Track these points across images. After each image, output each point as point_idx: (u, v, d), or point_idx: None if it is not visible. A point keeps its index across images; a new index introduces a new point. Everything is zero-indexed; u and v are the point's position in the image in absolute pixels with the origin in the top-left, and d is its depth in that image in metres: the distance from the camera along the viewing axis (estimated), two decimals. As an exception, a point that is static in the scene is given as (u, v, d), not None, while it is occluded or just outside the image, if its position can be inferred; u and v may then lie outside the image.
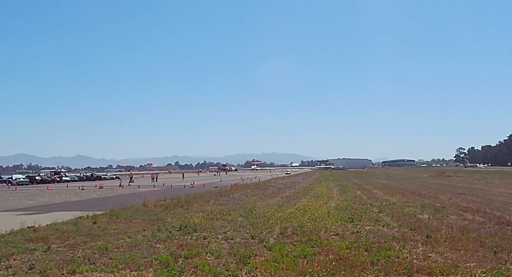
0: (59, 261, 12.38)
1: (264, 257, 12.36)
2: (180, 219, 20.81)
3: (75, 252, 13.69)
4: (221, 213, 22.99)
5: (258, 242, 14.70)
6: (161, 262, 11.80)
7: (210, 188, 52.76)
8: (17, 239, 16.19)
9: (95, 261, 12.36)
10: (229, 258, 12.26)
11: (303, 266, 10.95)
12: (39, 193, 55.30)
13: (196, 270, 10.93)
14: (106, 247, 14.12)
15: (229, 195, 37.87)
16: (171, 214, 23.38)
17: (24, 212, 29.30)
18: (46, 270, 11.06)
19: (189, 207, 26.89)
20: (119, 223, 20.33)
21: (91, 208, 28.75)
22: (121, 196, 45.81)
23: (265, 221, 19.48)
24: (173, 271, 10.34)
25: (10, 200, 44.22)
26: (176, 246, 14.08)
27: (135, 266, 11.48)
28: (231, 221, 19.98)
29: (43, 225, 20.23)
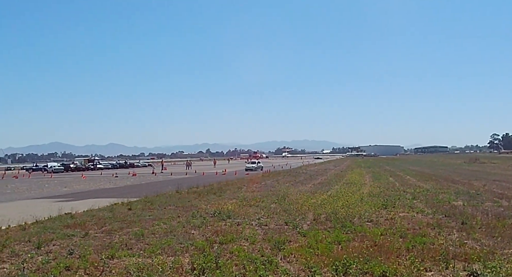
0: (97, 246, 12.62)
1: (298, 243, 12.41)
2: (214, 205, 20.97)
3: (112, 238, 13.94)
4: (254, 199, 23.08)
5: (292, 228, 14.74)
6: (197, 247, 11.93)
7: (242, 175, 52.97)
8: (56, 225, 16.55)
9: (132, 246, 12.57)
10: (264, 244, 12.34)
11: (338, 252, 10.96)
12: (74, 181, 56.22)
13: (232, 255, 11.03)
14: (142, 233, 14.33)
15: (261, 182, 37.96)
16: (204, 200, 23.58)
17: (60, 199, 29.88)
18: (85, 255, 11.28)
19: (222, 194, 27.07)
20: (154, 209, 20.58)
21: (125, 195, 29.14)
22: (154, 183, 46.30)
23: (298, 207, 19.51)
24: (209, 257, 10.43)
25: (47, 187, 45.08)
26: (211, 232, 14.22)
27: (171, 252, 11.64)
28: (264, 207, 20.06)
29: (80, 211, 20.64)
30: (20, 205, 27.30)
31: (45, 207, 23.94)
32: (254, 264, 9.99)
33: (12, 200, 31.39)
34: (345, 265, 9.64)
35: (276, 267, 9.85)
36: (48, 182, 54.67)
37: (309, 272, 9.42)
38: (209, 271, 9.55)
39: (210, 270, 9.59)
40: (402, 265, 9.73)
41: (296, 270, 9.68)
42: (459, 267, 9.81)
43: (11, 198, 33.17)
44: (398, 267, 9.51)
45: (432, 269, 9.69)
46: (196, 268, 9.76)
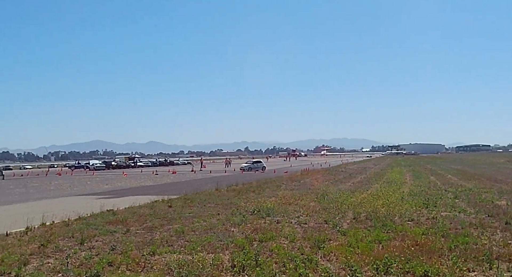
0: (139, 242, 12.79)
1: (338, 241, 12.35)
2: (253, 203, 21.00)
3: (153, 235, 14.11)
4: (293, 198, 23.03)
5: (331, 226, 14.64)
6: (237, 245, 11.98)
7: (281, 173, 52.92)
8: (98, 222, 16.83)
9: (172, 243, 12.70)
10: (304, 242, 12.31)
11: (379, 251, 10.86)
12: (115, 178, 57.14)
13: (272, 253, 11.04)
14: (182, 230, 14.47)
15: (300, 180, 37.85)
16: (243, 198, 23.64)
17: (102, 196, 30.39)
18: (127, 251, 11.45)
19: (261, 192, 27.10)
20: (194, 207, 20.74)
21: (165, 192, 29.46)
22: (193, 180, 46.68)
23: (338, 206, 19.38)
24: (249, 254, 10.47)
25: (89, 184, 45.94)
26: (251, 230, 14.25)
27: (211, 249, 11.71)
28: (303, 205, 20.00)
29: (121, 208, 20.94)
30: (64, 202, 27.90)
31: (87, 204, 24.40)
32: (294, 262, 9.99)
33: (56, 196, 32.10)
34: (386, 264, 9.56)
35: (316, 265, 9.83)
36: (90, 179, 55.68)
37: (350, 271, 9.36)
38: (249, 268, 9.59)
39: (250, 267, 9.63)
40: (444, 265, 9.60)
41: (336, 269, 9.63)
42: (503, 267, 9.62)
43: (54, 194, 33.92)
44: (440, 267, 9.37)
45: (475, 270, 9.52)
46: (236, 265, 9.82)
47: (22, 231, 15.39)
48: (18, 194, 36.08)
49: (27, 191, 38.81)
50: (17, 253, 11.81)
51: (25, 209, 23.91)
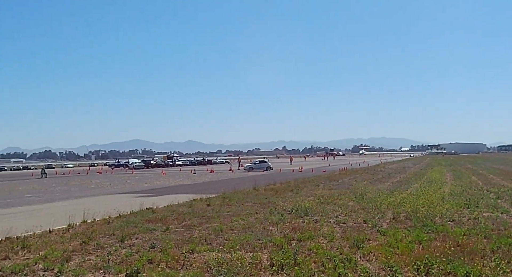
0: (178, 240, 12.90)
1: (377, 241, 12.22)
2: (291, 202, 20.95)
3: (192, 233, 14.21)
4: (331, 197, 22.88)
5: (371, 226, 14.51)
6: (275, 244, 11.96)
7: (319, 173, 52.71)
8: (138, 220, 17.04)
9: (211, 241, 12.77)
10: (342, 242, 12.22)
11: (419, 252, 10.70)
12: (154, 176, 57.79)
13: (310, 252, 10.98)
14: (221, 228, 14.52)
15: (338, 180, 37.64)
16: (281, 197, 23.61)
17: (142, 194, 30.78)
18: (167, 249, 11.54)
19: (299, 191, 27.02)
20: (232, 205, 20.82)
21: (204, 191, 29.64)
22: (231, 179, 46.83)
23: (377, 205, 19.18)
24: (287, 253, 10.45)
25: (128, 183, 46.59)
26: (289, 229, 14.21)
27: (250, 247, 11.72)
28: (342, 205, 19.86)
29: (160, 206, 21.15)
30: (104, 200, 28.35)
31: (127, 202, 24.73)
32: (333, 261, 9.92)
33: (97, 194, 32.65)
34: (427, 265, 9.41)
35: (355, 265, 9.74)
36: (130, 178, 56.48)
37: (390, 271, 9.25)
38: (288, 267, 9.57)
39: (288, 266, 9.61)
40: (487, 266, 9.40)
41: (376, 269, 9.53)
42: (549, 270, 9.37)
43: (95, 193, 34.52)
44: (483, 269, 9.17)
45: (519, 272, 9.30)
46: (275, 264, 9.81)
47: (64, 228, 15.70)
48: (60, 192, 36.81)
49: (69, 189, 39.59)
50: (60, 249, 12.04)
51: (66, 206, 24.43)
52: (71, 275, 9.64)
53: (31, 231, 15.08)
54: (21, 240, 13.51)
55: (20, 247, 12.59)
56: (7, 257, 11.60)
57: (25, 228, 15.47)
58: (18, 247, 12.55)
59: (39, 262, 10.75)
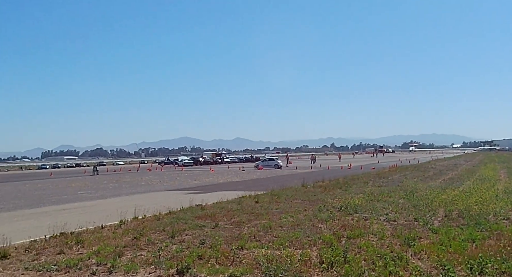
0: (227, 237, 12.97)
1: (429, 239, 11.98)
2: (340, 200, 20.78)
3: (241, 229, 14.27)
4: (381, 194, 22.60)
5: (422, 224, 14.24)
6: (324, 241, 11.89)
7: (368, 170, 52.10)
8: (187, 216, 17.22)
9: (260, 238, 12.78)
10: (393, 240, 12.05)
11: (472, 251, 10.45)
12: (203, 174, 58.24)
13: (360, 250, 10.86)
14: (270, 225, 14.53)
15: (387, 177, 37.18)
16: (330, 194, 23.46)
17: (191, 191, 31.08)
18: (216, 245, 11.62)
19: (348, 188, 26.79)
20: (280, 203, 20.80)
21: (252, 188, 29.75)
22: (280, 176, 46.82)
23: (428, 203, 18.83)
24: (337, 251, 10.35)
25: (178, 179, 47.13)
26: (338, 226, 14.11)
27: (299, 244, 11.69)
28: (392, 202, 19.59)
29: (209, 203, 21.32)
30: (154, 196, 28.77)
31: (177, 199, 24.99)
32: (384, 259, 9.78)
33: (147, 191, 33.16)
34: (481, 264, 9.17)
35: (406, 263, 9.58)
36: (179, 175, 57.13)
37: (442, 270, 9.05)
38: (338, 265, 9.48)
39: (338, 264, 9.52)
40: (544, 266, 9.11)
41: (427, 267, 9.35)
42: None
43: (145, 189, 35.06)
44: (540, 268, 8.91)
45: None
46: (324, 261, 9.73)
47: (116, 224, 16.02)
48: (111, 188, 37.54)
49: (120, 186, 40.32)
50: (112, 245, 12.29)
51: (118, 203, 24.88)
52: (123, 270, 9.81)
53: (85, 226, 15.45)
54: (75, 235, 13.87)
55: (74, 242, 12.89)
56: (61, 251, 11.91)
57: (79, 224, 15.87)
58: (72, 242, 12.86)
59: (92, 257, 11.00)
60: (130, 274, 9.57)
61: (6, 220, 19.89)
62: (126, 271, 9.71)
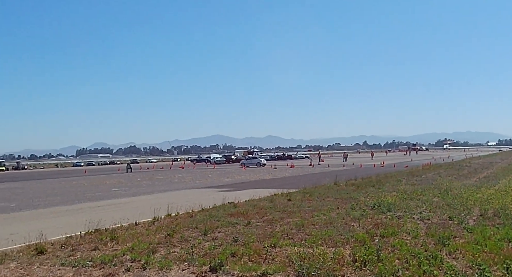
0: (260, 235, 12.99)
1: (464, 239, 11.81)
2: (373, 198, 20.63)
3: (274, 227, 14.27)
4: (414, 192, 22.38)
5: (456, 223, 14.03)
6: (357, 239, 11.81)
7: (401, 168, 51.72)
8: (220, 214, 17.31)
9: (293, 236, 12.76)
10: (427, 239, 11.90)
11: (508, 250, 10.25)
12: (235, 171, 58.50)
13: (394, 249, 10.76)
14: (302, 223, 14.49)
15: (421, 175, 36.75)
16: (363, 193, 23.31)
17: (223, 189, 31.24)
18: (249, 242, 11.64)
19: (381, 186, 26.57)
20: (313, 200, 20.74)
21: (284, 186, 29.73)
22: (311, 174, 46.75)
23: (463, 202, 18.55)
24: (370, 249, 10.28)
25: (210, 177, 47.41)
26: (371, 225, 14.01)
27: (332, 243, 11.64)
28: (426, 201, 19.36)
29: (242, 201, 21.39)
30: (187, 194, 29.00)
31: (209, 196, 25.17)
32: (418, 258, 9.68)
33: (180, 189, 33.45)
34: (518, 264, 9.03)
35: (441, 262, 9.46)
36: (211, 173, 57.43)
37: (477, 270, 8.90)
38: (371, 263, 9.41)
39: (371, 262, 9.45)
40: None
41: (462, 267, 9.22)
42: None
43: (178, 187, 35.37)
44: None
45: None
46: (357, 260, 9.67)
47: (149, 221, 16.19)
48: (145, 186, 37.97)
49: (153, 183, 40.75)
50: (146, 241, 12.43)
51: (151, 200, 25.17)
52: (157, 266, 9.90)
53: (119, 223, 15.63)
54: (110, 232, 14.05)
55: (108, 238, 13.09)
56: (96, 248, 12.10)
57: (113, 220, 16.06)
58: (107, 239, 13.05)
59: (127, 253, 11.14)
60: (164, 271, 9.65)
61: (43, 217, 20.30)
62: (160, 268, 9.80)
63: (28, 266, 10.43)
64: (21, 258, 11.21)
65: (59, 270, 10.03)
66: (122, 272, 9.72)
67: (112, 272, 9.64)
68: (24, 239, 13.31)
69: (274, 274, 9.12)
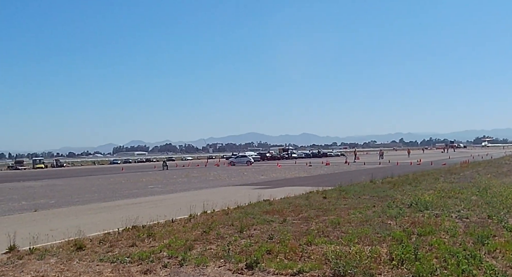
0: (295, 232, 12.96)
1: (504, 238, 11.56)
2: (410, 196, 20.40)
3: (309, 225, 14.22)
4: (452, 191, 22.02)
5: (496, 222, 13.76)
6: (394, 238, 11.68)
7: (438, 166, 51.05)
8: (255, 211, 17.34)
9: (328, 234, 12.69)
10: (465, 238, 11.70)
11: (551, 250, 10.06)
12: (270, 169, 58.53)
13: (431, 248, 10.61)
14: (338, 221, 14.41)
15: (459, 173, 36.18)
16: (399, 191, 23.08)
17: (258, 186, 31.31)
18: (285, 240, 11.62)
19: (418, 185, 26.26)
20: (348, 198, 20.61)
21: (319, 184, 29.57)
22: (347, 172, 46.46)
23: (502, 200, 18.16)
24: (407, 248, 10.16)
25: (245, 175, 47.54)
26: (408, 223, 13.84)
27: (368, 241, 11.53)
28: (464, 199, 19.04)
29: (277, 198, 21.41)
30: (222, 191, 29.15)
31: (244, 193, 25.22)
32: (456, 257, 9.52)
33: (215, 186, 33.65)
34: (561, 265, 8.82)
35: (480, 262, 9.29)
36: (247, 170, 57.62)
37: (518, 270, 8.76)
38: (408, 262, 9.30)
39: (409, 261, 9.33)
40: None
41: (503, 267, 9.05)
42: None
43: (214, 184, 35.59)
44: None
45: None
46: (394, 258, 9.56)
47: (186, 218, 16.32)
48: (180, 183, 38.32)
49: (189, 181, 41.11)
50: (183, 238, 12.53)
51: (187, 197, 25.37)
52: (193, 263, 9.97)
53: (155, 220, 15.83)
54: (147, 228, 14.21)
55: (145, 235, 13.23)
56: (134, 244, 12.25)
57: (150, 217, 16.25)
58: (144, 235, 13.20)
59: (164, 250, 11.24)
60: (200, 267, 9.71)
61: (81, 213, 20.64)
62: (196, 264, 9.88)
63: (68, 262, 10.62)
64: (61, 254, 11.43)
65: (97, 266, 10.19)
66: (160, 268, 9.82)
67: (149, 268, 9.75)
68: (64, 235, 13.61)
69: (310, 271, 9.09)
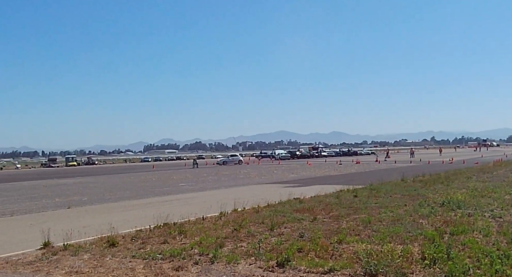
0: (326, 231, 12.93)
1: (539, 238, 11.42)
2: (442, 195, 20.19)
3: (340, 223, 14.16)
4: (485, 190, 21.71)
5: (530, 222, 13.60)
6: (426, 237, 11.56)
7: (471, 164, 50.33)
8: (286, 209, 17.35)
9: (359, 232, 12.64)
10: (499, 237, 11.52)
11: None
12: (300, 167, 58.42)
13: (464, 247, 10.48)
14: (369, 220, 14.33)
15: (492, 172, 35.60)
16: (431, 189, 22.84)
17: (288, 184, 31.30)
18: (315, 238, 11.60)
19: (450, 183, 25.94)
20: (379, 197, 20.48)
21: (350, 182, 29.42)
22: (378, 171, 46.16)
23: (537, 199, 17.93)
24: (440, 247, 10.05)
25: (275, 173, 47.57)
26: (440, 222, 13.69)
27: (400, 240, 11.44)
28: (497, 198, 18.74)
29: (307, 196, 21.38)
30: (252, 189, 29.21)
31: (275, 192, 25.24)
32: (489, 257, 9.39)
33: (245, 184, 33.74)
34: None
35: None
36: (276, 168, 57.60)
37: (553, 270, 8.60)
38: (441, 261, 9.21)
39: (441, 261, 9.24)
40: None
41: (537, 267, 8.92)
42: None
43: (244, 182, 35.68)
44: None
45: None
46: (426, 257, 9.46)
47: (216, 216, 16.41)
48: (211, 181, 38.53)
49: (219, 179, 41.29)
50: (213, 236, 12.60)
51: (217, 195, 25.48)
52: (224, 260, 10.03)
53: (186, 217, 15.93)
54: (178, 226, 14.30)
55: (177, 232, 13.35)
56: (166, 241, 12.37)
57: (181, 215, 16.35)
58: (175, 232, 13.32)
59: (195, 247, 11.32)
60: (231, 265, 9.76)
61: (114, 210, 20.93)
62: (227, 262, 9.93)
63: (101, 258, 10.79)
64: (94, 250, 11.62)
65: (130, 262, 10.32)
66: (191, 265, 9.89)
67: (181, 265, 9.83)
68: (96, 232, 13.84)
69: (341, 270, 9.06)
